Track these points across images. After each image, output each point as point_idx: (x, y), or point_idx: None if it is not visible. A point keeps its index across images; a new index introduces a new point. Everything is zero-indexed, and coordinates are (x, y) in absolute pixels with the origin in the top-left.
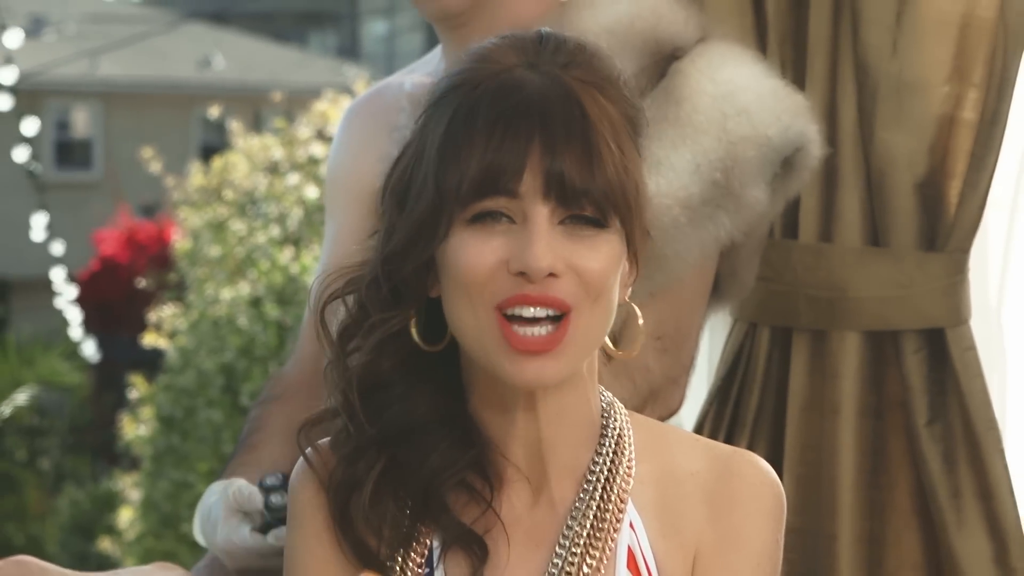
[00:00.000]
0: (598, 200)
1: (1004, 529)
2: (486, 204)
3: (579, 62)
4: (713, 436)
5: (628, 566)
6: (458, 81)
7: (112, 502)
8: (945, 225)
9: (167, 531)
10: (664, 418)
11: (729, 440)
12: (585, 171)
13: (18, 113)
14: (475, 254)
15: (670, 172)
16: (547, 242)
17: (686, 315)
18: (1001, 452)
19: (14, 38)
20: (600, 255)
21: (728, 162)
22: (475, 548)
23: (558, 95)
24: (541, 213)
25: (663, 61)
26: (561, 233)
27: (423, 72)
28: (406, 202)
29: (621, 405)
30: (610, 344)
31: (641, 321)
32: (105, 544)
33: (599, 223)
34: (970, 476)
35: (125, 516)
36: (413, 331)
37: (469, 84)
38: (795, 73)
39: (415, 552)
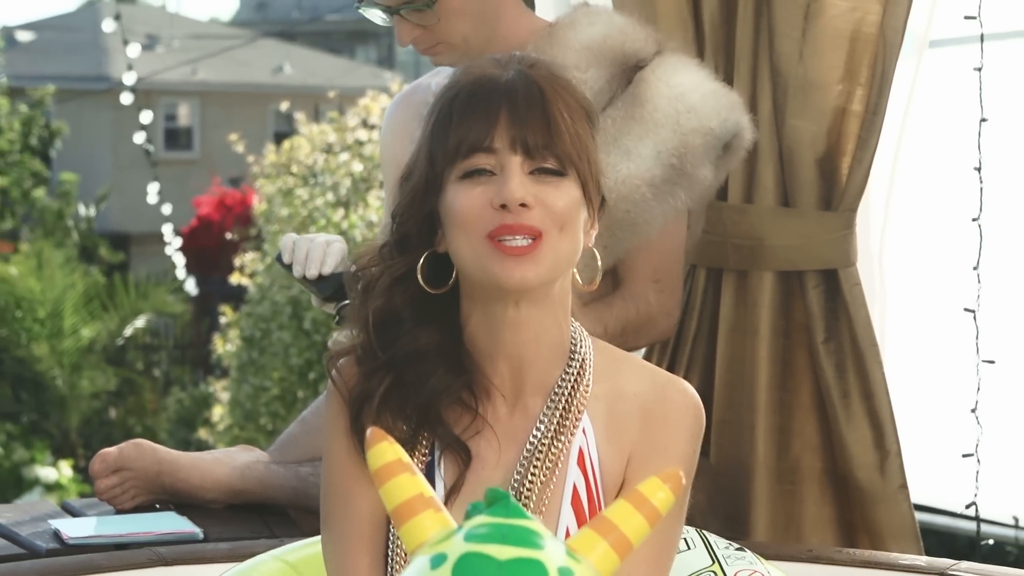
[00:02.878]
0: (557, 154)
1: (881, 421)
2: (470, 162)
3: (540, 66)
4: (661, 352)
5: (578, 463)
6: (447, 87)
7: (207, 401)
8: (838, 191)
9: (249, 423)
10: (657, 340)
11: (674, 354)
12: (544, 132)
13: (137, 107)
14: (466, 198)
15: (637, 159)
16: (519, 180)
17: (674, 261)
18: (879, 363)
19: (134, 50)
20: (563, 194)
21: (682, 149)
22: (461, 453)
23: (522, 82)
24: (514, 162)
25: (629, 70)
26: (531, 179)
27: (445, 75)
28: (409, 179)
29: (587, 334)
30: (579, 280)
31: (600, 263)
32: (202, 433)
33: (560, 172)
34: (856, 381)
35: (217, 412)
36: (419, 276)
37: (453, 87)
38: (725, 75)
39: (419, 451)
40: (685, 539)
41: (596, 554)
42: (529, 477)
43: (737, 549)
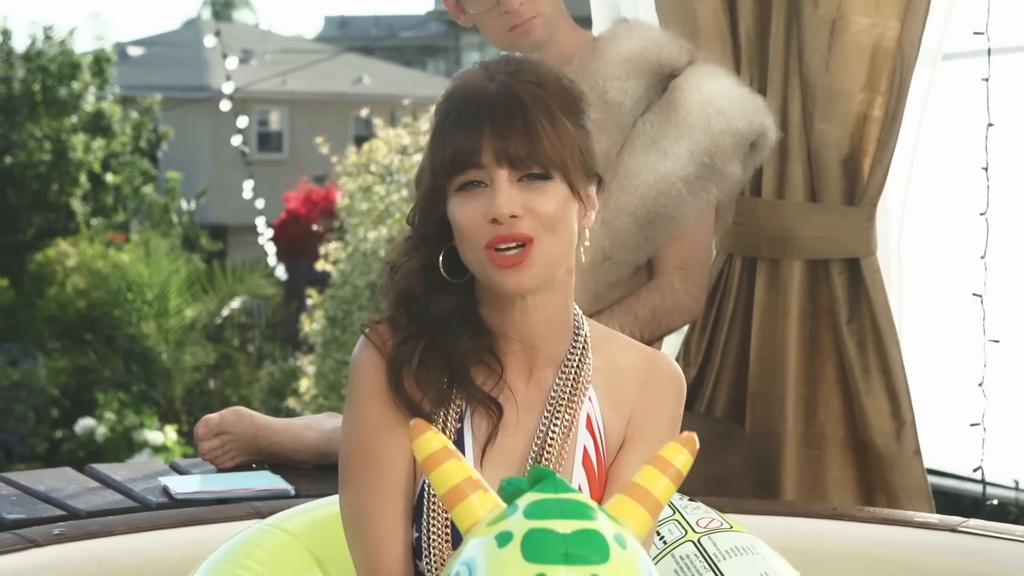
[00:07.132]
0: (540, 160)
1: (897, 393)
2: (463, 176)
3: (524, 69)
4: (701, 333)
5: (587, 427)
6: (445, 97)
7: (295, 374)
8: (860, 188)
9: (332, 393)
10: (687, 322)
11: (713, 334)
12: (526, 142)
13: (234, 113)
14: (464, 212)
15: (673, 158)
16: (507, 195)
17: (700, 250)
18: (896, 342)
19: (231, 63)
20: (549, 198)
21: (712, 149)
22: (493, 408)
23: (504, 94)
24: (502, 176)
25: (665, 79)
26: (520, 187)
27: None
28: (419, 184)
29: (584, 315)
30: (583, 259)
31: (588, 244)
32: (291, 402)
33: (545, 176)
34: (875, 358)
35: (304, 383)
36: (441, 267)
37: (450, 99)
38: (759, 84)
39: (451, 410)
40: None
41: (633, 517)
42: (548, 441)
43: (691, 500)
